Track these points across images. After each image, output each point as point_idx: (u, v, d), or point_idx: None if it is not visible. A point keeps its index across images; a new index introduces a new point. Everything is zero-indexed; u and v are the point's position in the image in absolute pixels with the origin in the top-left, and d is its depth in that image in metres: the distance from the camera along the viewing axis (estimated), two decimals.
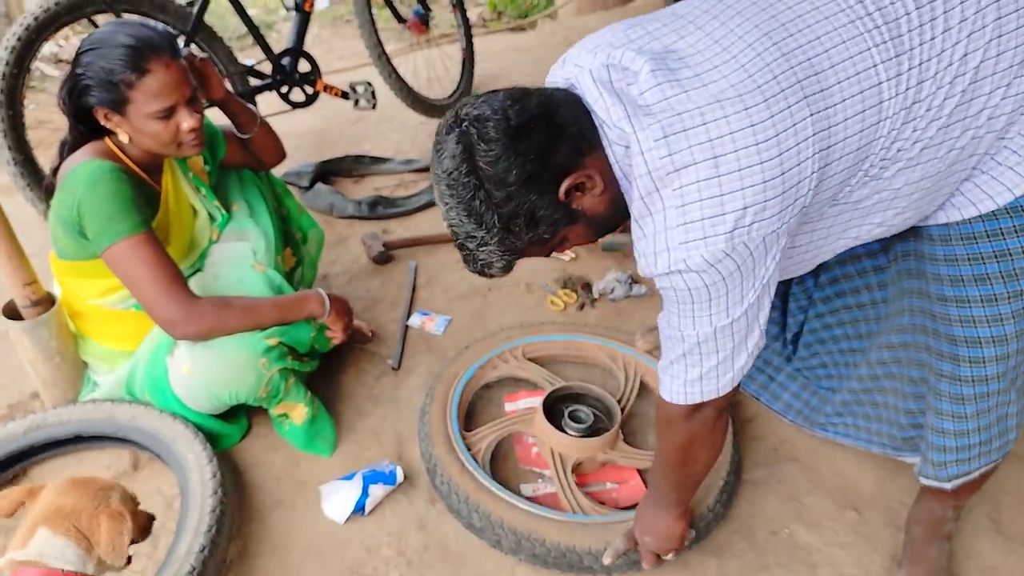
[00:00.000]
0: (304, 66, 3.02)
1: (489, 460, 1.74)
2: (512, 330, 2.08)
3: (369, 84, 3.18)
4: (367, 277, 2.48)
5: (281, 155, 2.00)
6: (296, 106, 3.05)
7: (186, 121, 1.55)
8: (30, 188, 2.40)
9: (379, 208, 2.78)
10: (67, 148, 1.62)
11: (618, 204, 1.11)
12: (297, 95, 3.05)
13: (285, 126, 3.08)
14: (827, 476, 1.75)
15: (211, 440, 1.71)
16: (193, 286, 1.65)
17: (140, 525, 1.26)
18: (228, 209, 1.86)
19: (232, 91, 2.28)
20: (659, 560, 1.47)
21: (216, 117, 1.89)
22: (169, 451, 1.65)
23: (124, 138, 1.57)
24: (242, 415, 1.87)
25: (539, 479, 1.75)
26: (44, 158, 2.26)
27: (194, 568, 1.41)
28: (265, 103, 3.05)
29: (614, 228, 1.18)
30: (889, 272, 1.46)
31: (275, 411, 1.77)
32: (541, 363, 2.02)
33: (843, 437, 1.68)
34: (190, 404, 1.70)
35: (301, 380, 1.82)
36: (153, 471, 1.76)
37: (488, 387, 2.00)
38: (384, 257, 2.53)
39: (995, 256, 1.17)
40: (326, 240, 2.58)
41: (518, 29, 5.17)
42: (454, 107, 1.07)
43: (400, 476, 1.70)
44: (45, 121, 3.39)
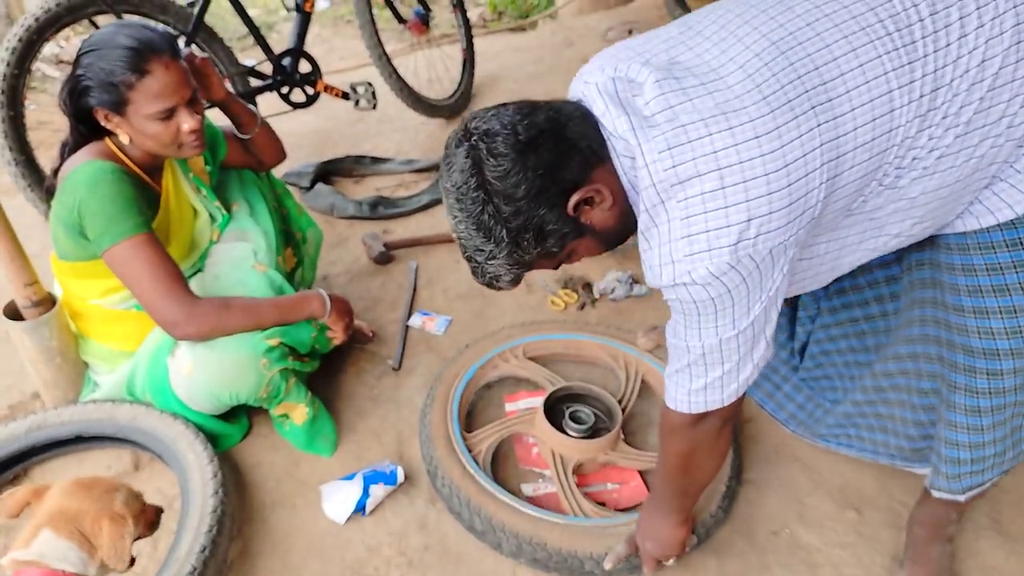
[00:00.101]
0: (305, 66, 3.01)
1: (490, 461, 1.74)
2: (512, 329, 2.08)
3: (370, 84, 3.18)
4: (368, 277, 2.48)
5: (281, 155, 2.00)
6: (297, 106, 3.05)
7: (186, 122, 1.55)
8: (31, 189, 2.41)
9: (380, 208, 2.79)
10: (68, 149, 1.63)
11: (627, 217, 1.11)
12: (298, 95, 3.05)
13: (286, 126, 3.08)
14: (828, 476, 1.75)
15: (212, 440, 1.71)
16: (194, 286, 1.65)
17: (148, 519, 1.27)
18: (229, 209, 1.86)
19: (233, 92, 2.28)
20: (660, 565, 1.48)
21: (216, 117, 1.90)
22: (170, 451, 1.66)
23: (124, 139, 1.57)
24: (243, 415, 1.87)
25: (540, 479, 1.75)
26: (45, 159, 2.26)
27: (195, 568, 1.41)
28: (266, 103, 3.05)
29: (623, 241, 1.17)
30: (902, 283, 1.42)
31: (276, 411, 1.77)
32: (542, 362, 2.02)
33: (846, 448, 1.66)
34: (191, 404, 1.71)
35: (302, 380, 1.82)
36: (154, 471, 1.76)
37: (488, 387, 2.00)
38: (385, 257, 2.53)
39: (1014, 266, 1.14)
40: (327, 240, 2.59)
41: (518, 29, 5.16)
42: (464, 120, 1.07)
43: (401, 476, 1.70)
44: (46, 122, 3.39)
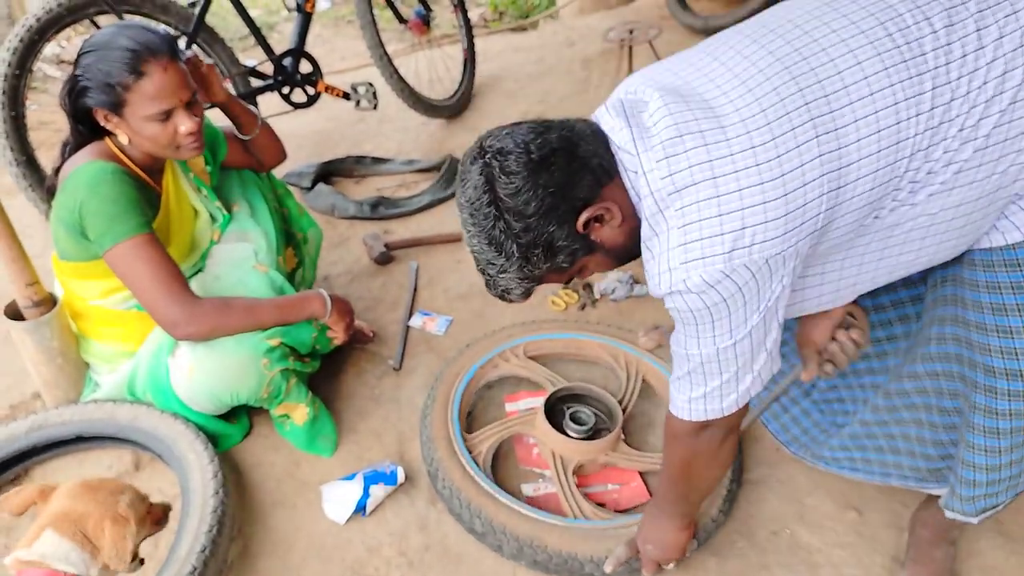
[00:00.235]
0: (305, 67, 3.02)
1: (490, 461, 1.74)
2: (513, 329, 2.08)
3: (371, 85, 3.18)
4: (368, 278, 2.48)
5: (282, 156, 2.01)
6: (297, 107, 3.05)
7: (184, 124, 1.55)
8: (32, 189, 2.41)
9: (380, 209, 2.79)
10: (69, 149, 1.63)
11: (637, 234, 1.12)
12: (298, 96, 3.05)
13: (287, 127, 3.09)
14: (828, 476, 1.75)
15: (212, 440, 1.71)
16: (194, 287, 1.65)
17: (155, 518, 1.27)
18: (229, 210, 1.87)
19: (234, 93, 2.28)
20: (660, 569, 1.48)
21: (217, 118, 1.90)
22: (170, 451, 1.66)
23: (123, 139, 1.58)
24: (243, 415, 1.87)
25: (540, 479, 1.75)
26: (46, 159, 2.26)
27: (195, 568, 1.41)
28: (266, 104, 3.06)
29: (634, 257, 1.17)
30: (926, 301, 1.38)
31: (276, 411, 1.78)
32: (542, 362, 2.02)
33: (850, 472, 1.56)
34: (191, 404, 1.71)
35: (302, 381, 1.82)
36: (154, 471, 1.76)
37: (489, 387, 2.00)
38: (385, 258, 2.53)
39: None
40: (328, 241, 2.59)
41: (519, 29, 5.16)
42: (480, 138, 1.09)
43: (401, 476, 1.70)
44: (47, 122, 3.39)
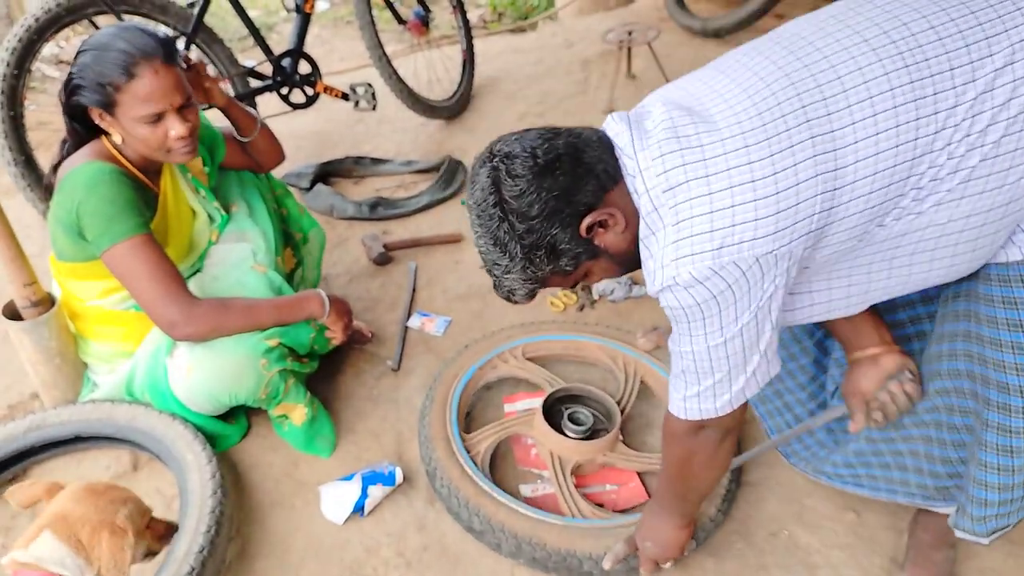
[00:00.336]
0: (304, 67, 3.02)
1: (489, 462, 1.74)
2: (512, 330, 2.08)
3: (369, 85, 3.18)
4: (367, 278, 2.48)
5: (280, 158, 2.01)
6: (296, 107, 3.05)
7: (175, 128, 1.54)
8: (31, 189, 2.41)
9: (379, 209, 2.79)
10: (68, 147, 1.63)
11: None
12: (297, 96, 3.05)
13: (285, 127, 3.09)
14: (825, 483, 1.75)
15: (211, 441, 1.71)
16: (192, 287, 1.65)
17: (157, 534, 1.24)
18: (228, 210, 1.86)
19: (232, 93, 2.28)
20: (657, 567, 1.48)
21: (216, 119, 1.90)
22: (168, 452, 1.66)
23: (118, 138, 1.57)
24: (242, 416, 1.87)
25: (538, 480, 1.75)
26: (45, 159, 2.25)
27: (193, 568, 1.41)
28: (265, 104, 3.06)
29: (640, 264, 1.17)
30: (936, 318, 1.35)
31: (275, 412, 1.77)
32: (541, 363, 2.02)
33: (854, 487, 1.54)
34: (190, 405, 1.70)
35: (301, 381, 1.82)
36: (152, 471, 1.76)
37: (488, 387, 2.00)
38: (384, 258, 2.53)
39: None
40: (326, 241, 2.59)
41: (519, 30, 5.16)
42: (491, 142, 1.13)
43: (399, 477, 1.70)
44: (46, 122, 3.39)
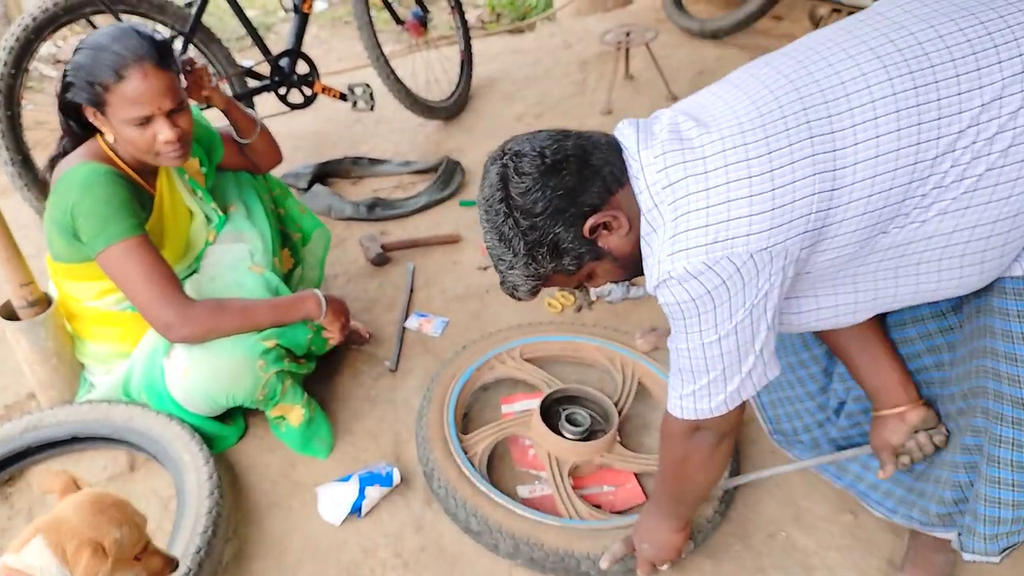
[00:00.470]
0: (302, 67, 3.01)
1: (486, 463, 1.74)
2: (509, 331, 2.08)
3: (367, 86, 3.18)
4: (365, 279, 2.48)
5: (278, 160, 2.00)
6: (294, 107, 3.05)
7: (162, 132, 1.52)
8: (28, 188, 2.41)
9: (377, 210, 2.79)
10: (65, 144, 1.63)
11: None
12: (295, 96, 3.05)
13: (283, 127, 3.09)
14: (824, 479, 1.75)
15: (208, 442, 1.71)
16: (189, 288, 1.65)
17: (152, 568, 1.16)
18: (225, 211, 1.86)
19: (230, 93, 2.27)
20: (654, 569, 1.48)
21: (215, 118, 1.90)
22: (165, 452, 1.65)
23: (110, 137, 1.57)
24: (239, 417, 1.87)
25: (536, 481, 1.75)
26: (42, 159, 2.25)
27: (190, 570, 1.41)
28: (263, 104, 3.05)
29: (644, 269, 1.17)
30: (958, 333, 1.32)
31: (272, 413, 1.77)
32: (538, 364, 2.02)
33: (862, 496, 1.50)
34: (187, 406, 1.70)
35: (298, 382, 1.82)
36: (149, 472, 1.76)
37: (485, 388, 2.00)
38: (382, 259, 2.53)
39: None
40: None
41: (517, 31, 5.15)
42: (503, 142, 1.16)
43: (397, 478, 1.70)
44: (43, 122, 3.38)
